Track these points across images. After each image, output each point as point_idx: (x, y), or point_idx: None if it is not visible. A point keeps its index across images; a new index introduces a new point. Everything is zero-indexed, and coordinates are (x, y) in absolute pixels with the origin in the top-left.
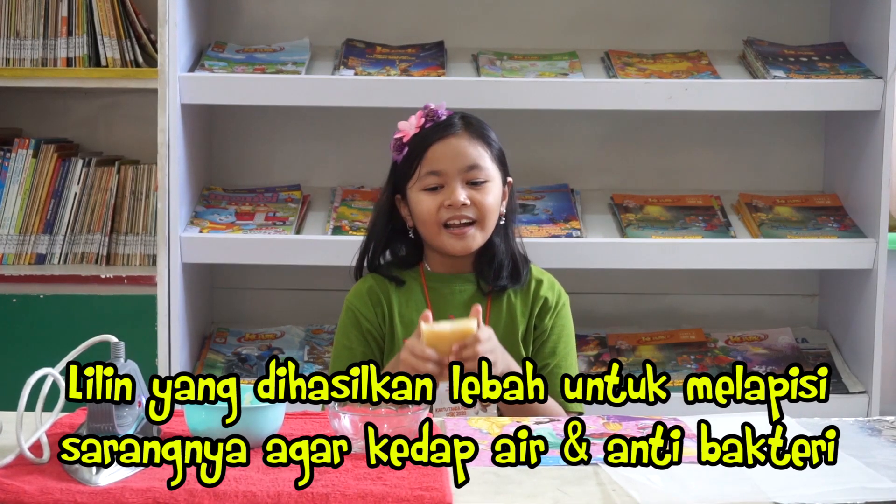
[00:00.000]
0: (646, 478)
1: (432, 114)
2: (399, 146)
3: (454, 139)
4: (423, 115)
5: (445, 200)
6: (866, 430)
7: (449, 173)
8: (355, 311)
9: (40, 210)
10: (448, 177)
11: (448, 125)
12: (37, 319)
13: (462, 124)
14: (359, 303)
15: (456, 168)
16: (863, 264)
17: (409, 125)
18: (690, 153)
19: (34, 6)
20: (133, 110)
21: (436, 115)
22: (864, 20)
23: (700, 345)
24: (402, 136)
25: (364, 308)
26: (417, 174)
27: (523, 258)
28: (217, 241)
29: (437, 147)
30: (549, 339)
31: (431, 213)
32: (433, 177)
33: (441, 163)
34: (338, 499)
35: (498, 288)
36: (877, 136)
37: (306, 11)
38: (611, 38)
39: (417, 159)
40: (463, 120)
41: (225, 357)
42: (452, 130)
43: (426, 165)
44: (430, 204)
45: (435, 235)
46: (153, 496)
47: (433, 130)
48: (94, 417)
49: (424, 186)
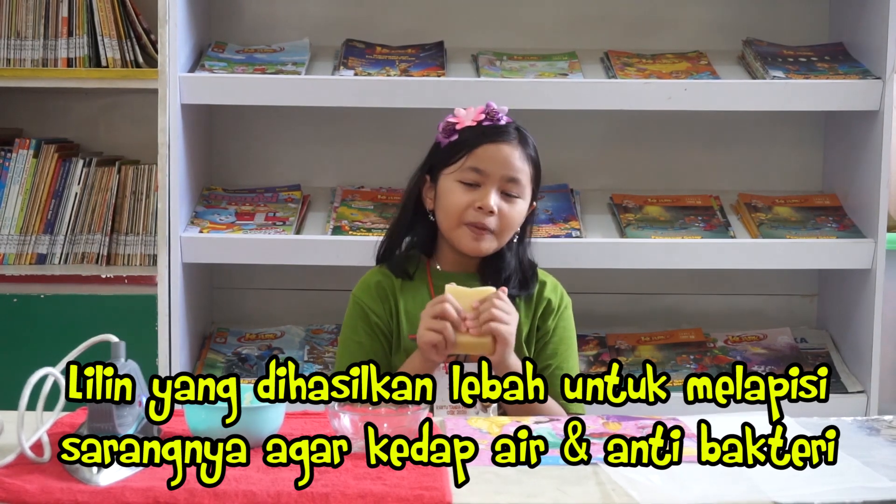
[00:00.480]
0: (646, 478)
1: (493, 114)
2: (450, 130)
3: (506, 146)
4: (483, 111)
5: (477, 201)
6: (865, 430)
7: (490, 176)
8: (363, 306)
9: (41, 210)
10: (487, 179)
11: (505, 131)
12: (37, 319)
13: (517, 136)
14: (366, 297)
15: (498, 174)
16: (862, 264)
17: (466, 115)
18: (690, 153)
19: (34, 7)
20: (133, 110)
21: (496, 115)
22: (864, 20)
23: (699, 345)
24: (455, 122)
25: (372, 302)
26: (460, 164)
27: (532, 270)
28: (217, 241)
29: (488, 147)
30: (550, 340)
31: (459, 208)
32: (474, 173)
33: (487, 164)
34: (338, 499)
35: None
36: (876, 136)
37: (306, 11)
38: (610, 39)
39: (465, 150)
40: (518, 132)
41: (225, 357)
42: (508, 137)
43: (472, 160)
44: (462, 199)
45: (452, 228)
46: (153, 496)
47: (490, 130)
48: (94, 417)
49: (462, 179)
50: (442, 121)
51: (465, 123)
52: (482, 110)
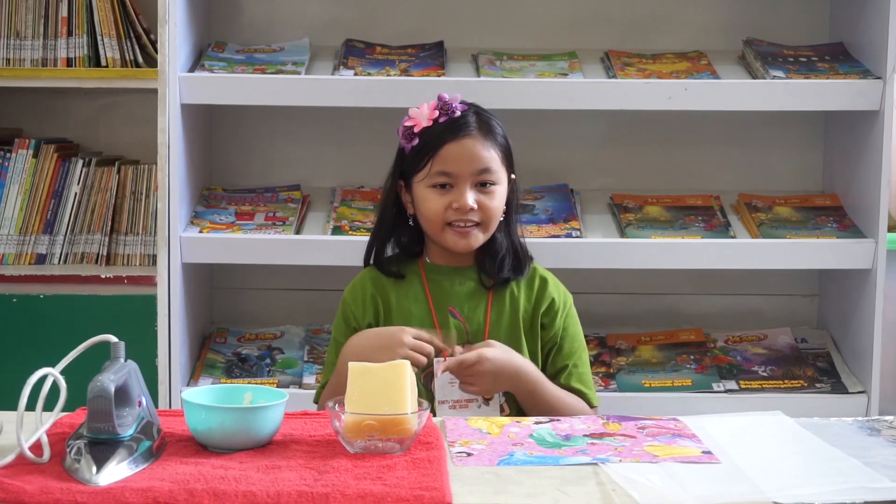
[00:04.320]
0: (646, 478)
1: (447, 107)
2: (409, 135)
3: (468, 140)
4: (436, 106)
5: (454, 202)
6: (865, 430)
7: (460, 175)
8: (346, 307)
9: (40, 210)
10: (458, 178)
11: (463, 124)
12: (37, 319)
13: (476, 123)
14: (350, 298)
15: (468, 171)
16: (862, 264)
17: (420, 115)
18: (690, 153)
19: (34, 6)
20: (133, 110)
21: (450, 108)
22: (864, 20)
23: (700, 345)
24: (412, 126)
25: (353, 304)
26: (427, 170)
27: (524, 250)
28: (217, 241)
29: (450, 147)
30: (564, 340)
31: (438, 213)
32: (443, 177)
33: (453, 164)
34: (338, 499)
35: (501, 281)
36: (876, 136)
37: (306, 11)
38: (611, 38)
39: (429, 155)
40: (476, 117)
41: (225, 357)
42: (467, 131)
43: (438, 164)
44: (438, 203)
45: (438, 233)
46: (153, 496)
47: (448, 128)
48: (94, 417)
49: (433, 184)
50: (399, 125)
51: (422, 124)
52: (435, 105)
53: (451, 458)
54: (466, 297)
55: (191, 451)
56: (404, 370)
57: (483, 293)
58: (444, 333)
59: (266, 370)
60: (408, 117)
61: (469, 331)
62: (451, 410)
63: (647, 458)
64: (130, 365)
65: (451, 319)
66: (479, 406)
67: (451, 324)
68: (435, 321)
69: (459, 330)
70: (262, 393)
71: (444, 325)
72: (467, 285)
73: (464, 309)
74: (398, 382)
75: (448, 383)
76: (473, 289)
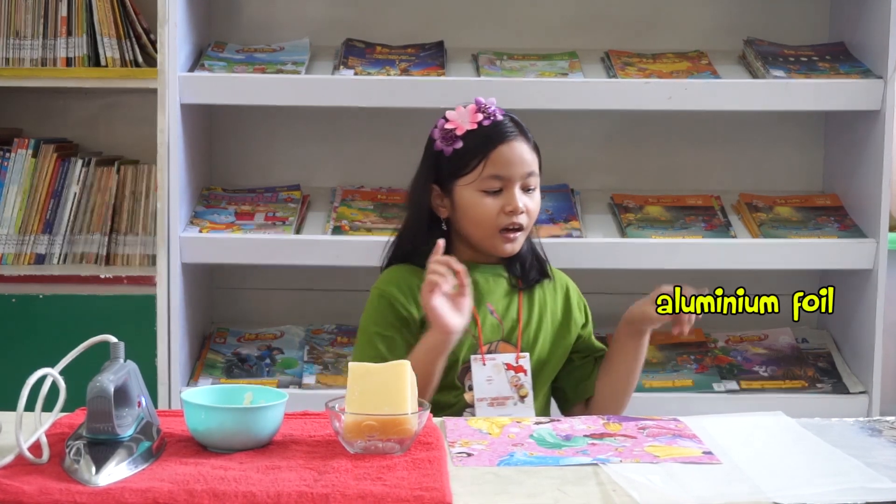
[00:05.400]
0: (646, 478)
1: (488, 110)
2: (450, 137)
3: (516, 143)
4: (477, 110)
5: (506, 206)
6: (867, 431)
7: (512, 179)
8: (392, 300)
9: (40, 210)
10: (509, 182)
11: (510, 128)
12: (37, 319)
13: (516, 128)
14: (396, 291)
15: (518, 174)
16: (863, 264)
17: (461, 118)
18: (690, 153)
19: (34, 6)
20: (133, 110)
21: (491, 112)
22: (864, 20)
23: (700, 345)
24: (454, 128)
25: (400, 295)
26: (477, 174)
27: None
28: (217, 241)
29: (502, 150)
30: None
31: (490, 217)
32: (496, 181)
33: (506, 168)
34: (338, 499)
35: (529, 284)
36: (877, 136)
37: (306, 11)
38: (611, 38)
39: (479, 158)
40: (515, 123)
41: (225, 357)
42: (515, 134)
43: (490, 168)
44: (491, 208)
45: (488, 237)
46: (153, 496)
47: (496, 131)
48: (93, 418)
49: (484, 188)
50: (435, 127)
51: (464, 127)
52: (475, 109)
53: (452, 459)
54: (501, 295)
55: (191, 451)
56: (404, 370)
57: (513, 292)
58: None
59: (266, 370)
60: (445, 120)
61: (504, 328)
62: (490, 408)
63: (647, 458)
64: (130, 365)
65: (488, 316)
66: (515, 404)
67: (487, 320)
68: (476, 316)
69: (495, 326)
70: (262, 393)
71: (483, 321)
72: (501, 284)
73: (498, 307)
74: (398, 382)
75: (486, 380)
76: (506, 288)
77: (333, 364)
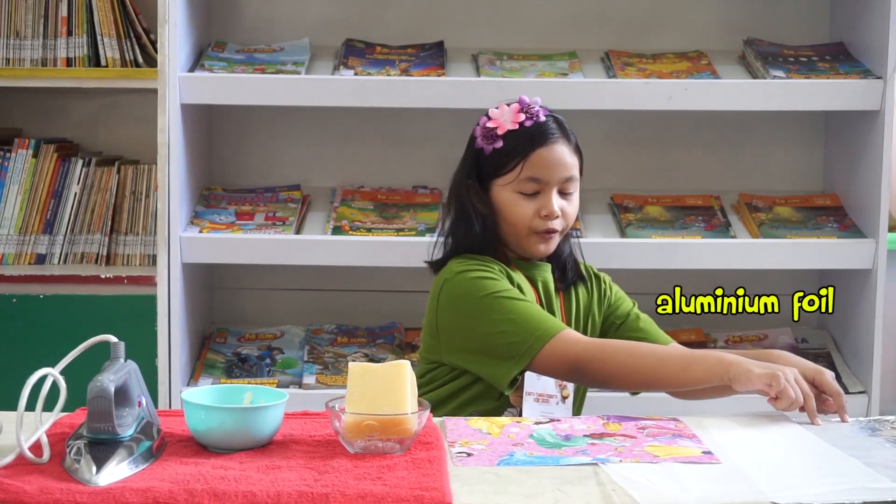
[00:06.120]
0: (646, 478)
1: (531, 111)
2: (491, 136)
3: (557, 147)
4: (520, 109)
5: (542, 210)
6: (866, 430)
7: (549, 182)
8: (492, 271)
9: (40, 210)
10: (546, 185)
11: (552, 130)
12: (37, 319)
13: (559, 130)
14: (496, 266)
15: (555, 178)
16: (863, 264)
17: (503, 116)
18: (690, 153)
19: (34, 6)
20: (133, 110)
21: (534, 113)
22: (864, 20)
23: (700, 345)
24: (495, 127)
25: (501, 271)
26: (515, 175)
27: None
28: (217, 241)
29: (541, 153)
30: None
31: (525, 219)
32: (533, 183)
33: (544, 171)
34: (338, 499)
35: (567, 284)
36: (877, 136)
37: (306, 11)
38: (611, 38)
39: (518, 160)
40: (558, 124)
41: (225, 357)
42: (555, 136)
43: (528, 170)
44: (527, 210)
45: (521, 238)
46: (153, 496)
47: (537, 133)
48: (94, 417)
49: (521, 190)
50: (477, 125)
51: (505, 127)
52: (518, 109)
53: (451, 459)
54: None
55: (191, 451)
56: (404, 370)
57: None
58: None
59: (266, 370)
60: (487, 118)
61: None
62: (536, 403)
63: (647, 458)
64: (130, 365)
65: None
66: (557, 403)
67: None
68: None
69: None
70: (262, 393)
71: None
72: (548, 281)
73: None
74: (398, 382)
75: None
76: (552, 286)
77: (333, 364)
